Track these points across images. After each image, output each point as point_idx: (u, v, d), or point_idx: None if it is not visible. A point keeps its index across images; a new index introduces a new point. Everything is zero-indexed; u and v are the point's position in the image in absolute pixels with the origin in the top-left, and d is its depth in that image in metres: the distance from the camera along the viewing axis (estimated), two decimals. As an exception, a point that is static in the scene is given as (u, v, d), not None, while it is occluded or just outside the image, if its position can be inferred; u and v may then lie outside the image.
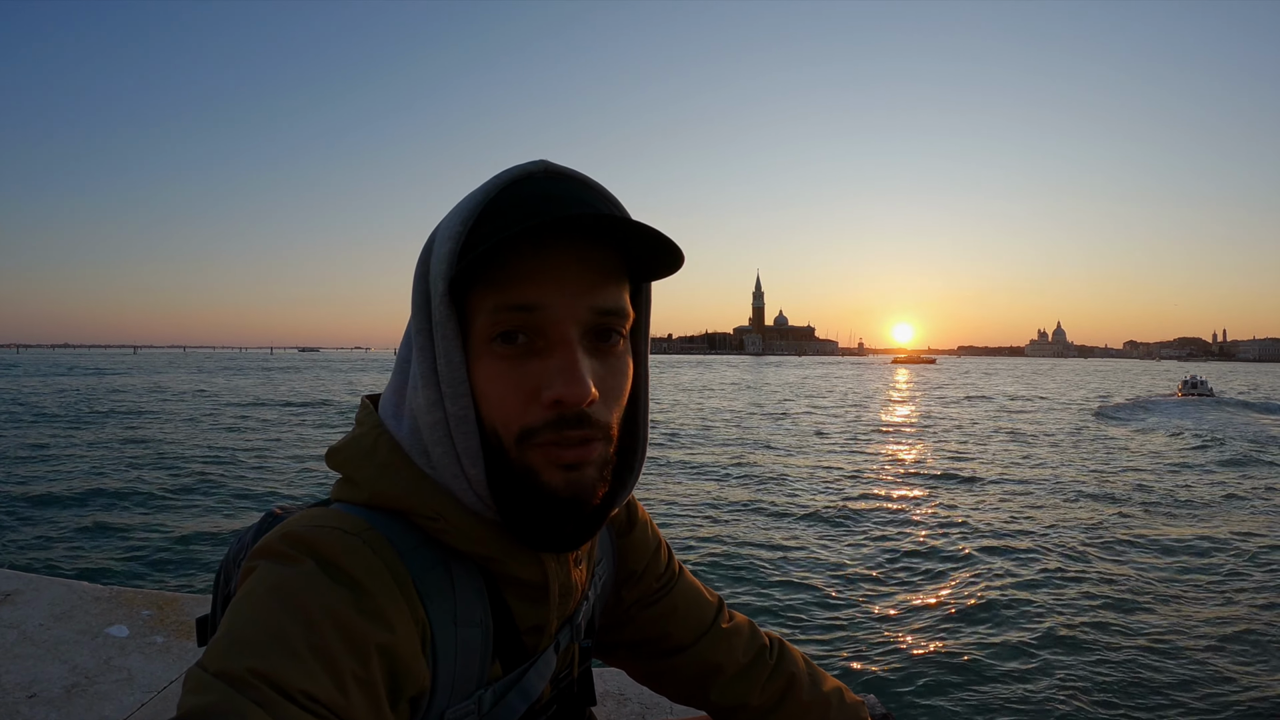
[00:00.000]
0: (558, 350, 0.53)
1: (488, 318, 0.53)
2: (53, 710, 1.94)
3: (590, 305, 0.54)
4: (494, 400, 0.54)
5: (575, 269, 0.53)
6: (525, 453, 0.54)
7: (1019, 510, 10.77)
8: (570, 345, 0.53)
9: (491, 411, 0.54)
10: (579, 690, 0.73)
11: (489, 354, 0.54)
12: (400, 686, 0.49)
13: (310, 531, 0.52)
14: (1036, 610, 6.53)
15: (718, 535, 8.99)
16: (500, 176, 0.56)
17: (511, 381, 0.53)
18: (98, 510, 9.56)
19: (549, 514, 0.55)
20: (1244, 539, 9.16)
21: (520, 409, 0.53)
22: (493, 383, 0.54)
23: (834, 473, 14.20)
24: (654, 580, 0.81)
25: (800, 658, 0.87)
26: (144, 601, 2.67)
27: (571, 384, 0.52)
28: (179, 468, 13.18)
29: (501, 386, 0.53)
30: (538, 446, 0.53)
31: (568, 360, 0.52)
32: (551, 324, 0.53)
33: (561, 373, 0.52)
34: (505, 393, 0.53)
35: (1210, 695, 5.02)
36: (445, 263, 0.53)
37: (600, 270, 0.54)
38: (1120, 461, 16.30)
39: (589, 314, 0.54)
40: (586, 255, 0.54)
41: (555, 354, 0.53)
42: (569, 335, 0.53)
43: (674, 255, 0.55)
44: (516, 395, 0.53)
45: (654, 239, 0.53)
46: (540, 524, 0.56)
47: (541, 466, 0.54)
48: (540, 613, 0.62)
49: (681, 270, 0.59)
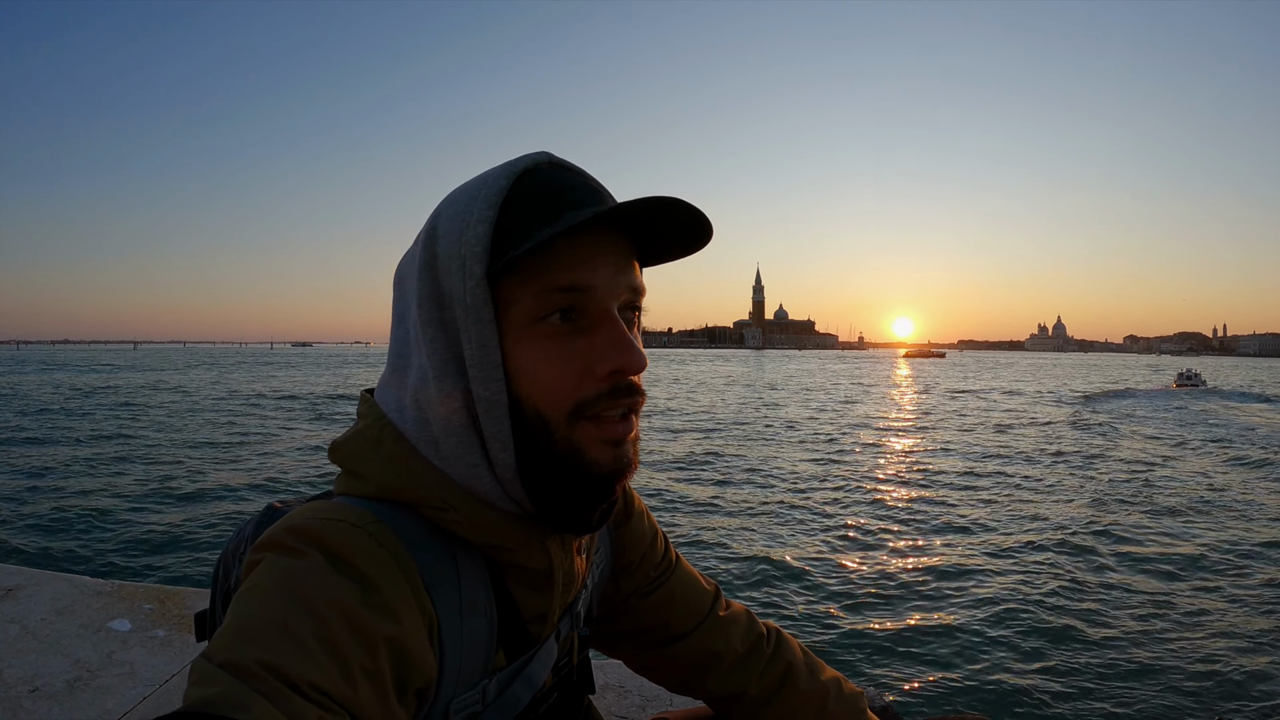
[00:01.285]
0: (605, 325, 0.55)
1: (533, 300, 0.54)
2: (55, 705, 1.95)
3: (626, 284, 0.57)
4: (542, 380, 0.55)
5: (613, 250, 0.56)
6: (575, 429, 0.55)
7: (1015, 501, 10.79)
8: (616, 319, 0.56)
9: (537, 392, 0.55)
10: (579, 678, 0.73)
11: (535, 334, 0.55)
12: (407, 678, 0.50)
13: (317, 524, 0.52)
14: (1036, 601, 6.55)
15: (716, 527, 9.01)
16: (513, 165, 0.57)
17: (564, 359, 0.55)
18: (99, 505, 9.56)
19: (589, 493, 0.57)
20: (1241, 539, 9.17)
21: (573, 384, 0.54)
22: (541, 363, 0.55)
23: (827, 470, 14.22)
24: (651, 569, 0.81)
25: (798, 647, 0.87)
26: (145, 595, 2.67)
27: (630, 354, 0.55)
28: (181, 462, 13.20)
29: (553, 365, 0.55)
30: (590, 420, 0.55)
31: (619, 333, 0.55)
32: (596, 303, 0.55)
33: (616, 344, 0.55)
34: (557, 371, 0.55)
35: (1208, 694, 5.04)
36: (480, 246, 0.54)
37: (628, 253, 0.58)
38: (1116, 452, 16.39)
39: (625, 291, 0.57)
40: (619, 240, 0.57)
41: (603, 329, 0.55)
42: (611, 311, 0.56)
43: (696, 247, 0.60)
44: (570, 372, 0.54)
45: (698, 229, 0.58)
46: (576, 504, 0.57)
47: (589, 444, 0.55)
48: (544, 601, 0.63)
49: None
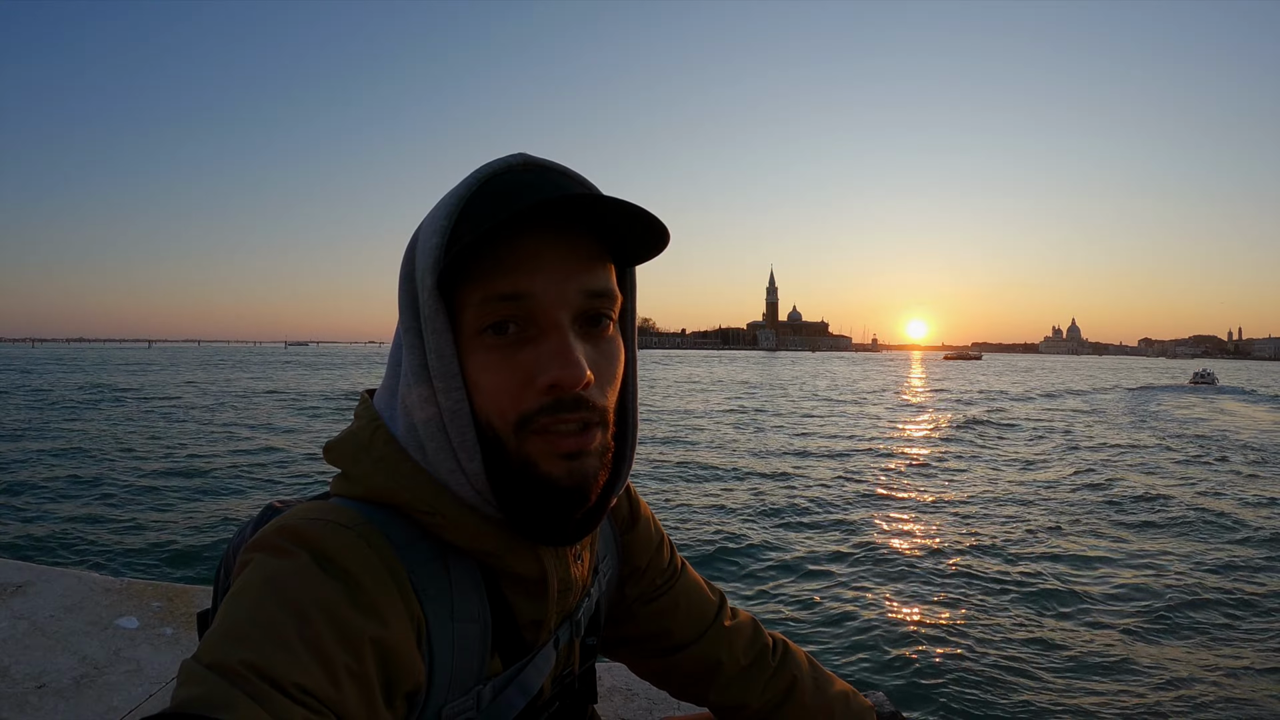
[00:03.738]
0: (550, 335, 0.53)
1: (476, 310, 0.53)
2: (61, 701, 1.96)
3: (579, 289, 0.53)
4: (488, 392, 0.53)
5: (560, 254, 0.53)
6: (524, 442, 0.53)
7: (1031, 503, 10.72)
8: (562, 329, 0.53)
9: (486, 403, 0.54)
10: (580, 687, 0.72)
11: (480, 346, 0.53)
12: (395, 681, 0.49)
13: (305, 525, 0.51)
14: (1044, 605, 6.50)
15: (722, 532, 8.98)
16: (480, 171, 0.56)
17: (505, 371, 0.53)
18: (110, 503, 9.65)
19: (552, 505, 0.54)
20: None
21: (516, 397, 0.53)
22: (486, 374, 0.53)
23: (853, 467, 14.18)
24: (656, 576, 0.80)
25: (805, 660, 0.86)
26: (154, 593, 2.68)
27: (566, 366, 0.51)
28: (191, 460, 13.30)
29: (495, 377, 0.53)
30: (536, 434, 0.53)
31: (561, 344, 0.52)
32: (541, 311, 0.53)
33: (555, 356, 0.52)
34: (499, 383, 0.53)
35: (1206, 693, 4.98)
36: (431, 257, 0.53)
37: (585, 254, 0.54)
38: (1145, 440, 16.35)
39: (579, 298, 0.54)
40: (570, 240, 0.53)
41: (547, 339, 0.53)
42: (560, 320, 0.53)
43: (657, 233, 0.55)
44: (511, 384, 0.53)
45: (634, 215, 0.52)
46: (543, 516, 0.55)
47: (541, 457, 0.53)
48: (539, 608, 0.61)
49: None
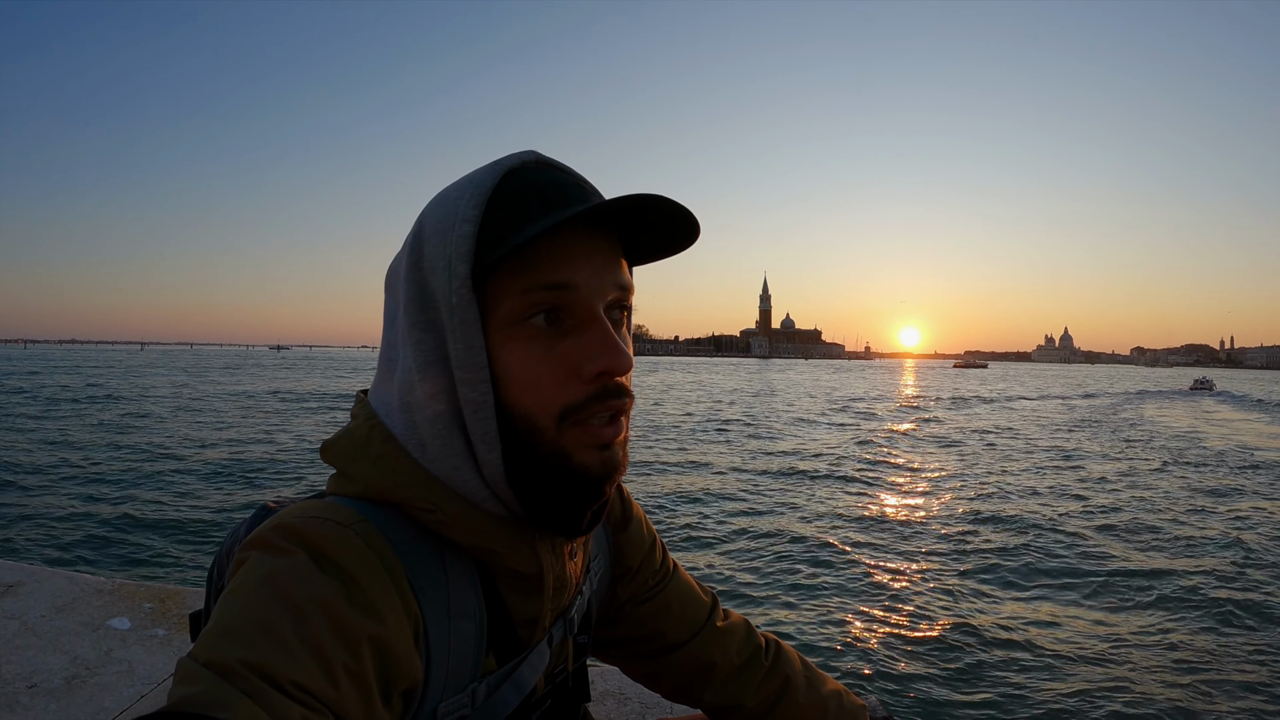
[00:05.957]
0: (591, 325, 0.54)
1: (516, 300, 0.53)
2: (52, 701, 1.95)
3: (613, 281, 0.56)
4: (528, 383, 0.53)
5: (597, 247, 0.55)
6: (563, 434, 0.54)
7: (1026, 501, 10.75)
8: (602, 319, 0.54)
9: (523, 395, 0.54)
10: (574, 685, 0.72)
11: (519, 336, 0.53)
12: (392, 678, 0.49)
13: (302, 523, 0.51)
14: (1044, 607, 6.51)
15: (718, 533, 8.98)
16: (499, 164, 0.56)
17: (549, 361, 0.53)
18: (101, 503, 9.59)
19: (577, 495, 0.55)
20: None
21: (559, 388, 0.53)
22: (527, 365, 0.53)
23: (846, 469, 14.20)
24: (649, 576, 0.80)
25: (798, 660, 0.86)
26: (146, 594, 2.67)
27: (616, 355, 0.53)
28: (184, 461, 13.23)
29: (538, 367, 0.53)
30: (578, 425, 0.54)
31: (605, 333, 0.54)
32: (581, 302, 0.54)
33: (603, 345, 0.53)
34: (543, 373, 0.53)
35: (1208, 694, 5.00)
36: (465, 246, 0.53)
37: (614, 252, 0.57)
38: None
39: (612, 289, 0.55)
40: (605, 238, 0.56)
41: (589, 329, 0.54)
42: (598, 310, 0.54)
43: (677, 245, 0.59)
44: (555, 374, 0.53)
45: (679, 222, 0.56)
46: (565, 507, 0.56)
47: (576, 447, 0.54)
48: (534, 605, 0.62)
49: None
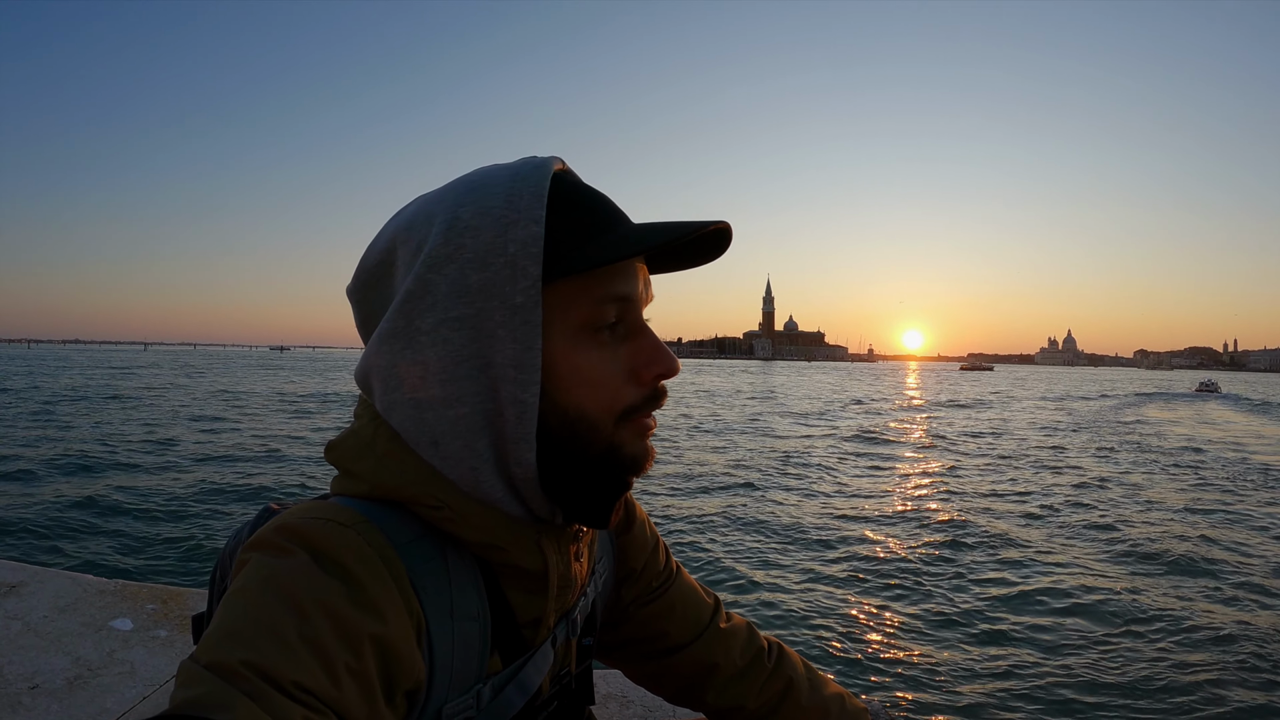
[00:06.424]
0: (642, 333, 0.59)
1: (590, 308, 0.56)
2: (54, 701, 1.95)
3: (650, 292, 0.62)
4: (594, 385, 0.57)
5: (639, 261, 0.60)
6: (619, 430, 0.58)
7: (1028, 503, 10.72)
8: (648, 327, 0.60)
9: (587, 398, 0.56)
10: (578, 687, 0.72)
11: (588, 341, 0.56)
12: (394, 678, 0.49)
13: (304, 523, 0.51)
14: (1043, 609, 6.49)
15: (718, 536, 8.97)
16: (541, 166, 0.56)
17: (611, 366, 0.57)
18: (104, 504, 9.60)
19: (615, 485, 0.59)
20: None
21: (620, 390, 0.58)
22: (593, 369, 0.57)
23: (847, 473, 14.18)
24: (652, 578, 0.81)
25: (800, 662, 0.87)
26: (148, 595, 2.68)
27: (670, 360, 0.59)
28: (187, 462, 13.26)
29: (604, 371, 0.57)
30: (633, 421, 0.59)
31: (656, 339, 0.60)
32: (634, 311, 0.59)
33: (657, 350, 0.59)
34: (608, 377, 0.57)
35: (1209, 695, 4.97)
36: (535, 246, 0.53)
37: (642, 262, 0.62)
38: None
39: (649, 299, 0.62)
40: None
41: (641, 336, 0.59)
42: (644, 319, 0.60)
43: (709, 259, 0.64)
44: (617, 378, 0.58)
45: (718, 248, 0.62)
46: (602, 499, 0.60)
47: (628, 440, 0.59)
48: (538, 605, 0.62)
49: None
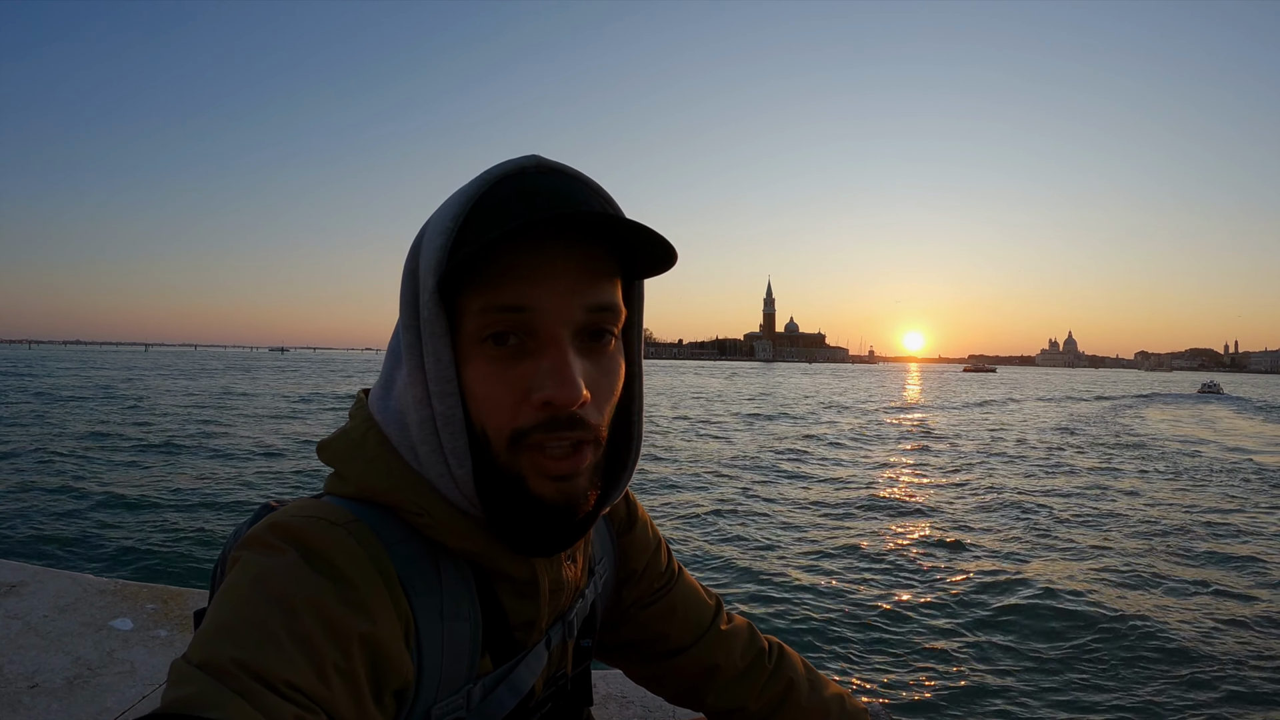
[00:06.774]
0: (548, 351, 0.52)
1: (477, 319, 0.52)
2: (54, 701, 1.95)
3: (582, 304, 0.53)
4: (485, 402, 0.53)
5: (567, 267, 0.52)
6: (517, 456, 0.53)
7: (1032, 500, 10.71)
8: (561, 346, 0.52)
9: (482, 413, 0.53)
10: (574, 689, 0.72)
11: (480, 355, 0.53)
12: (383, 678, 0.49)
13: (295, 522, 0.52)
14: (1046, 609, 6.48)
15: (721, 537, 8.96)
16: (492, 171, 0.55)
17: (503, 383, 0.52)
18: (104, 504, 9.60)
19: (538, 520, 0.54)
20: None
21: (512, 411, 0.52)
22: (483, 384, 0.53)
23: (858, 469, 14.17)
24: (654, 580, 0.80)
25: (800, 663, 0.86)
26: (148, 595, 2.68)
27: (563, 386, 0.51)
28: (187, 462, 13.27)
29: (492, 388, 0.52)
30: (528, 450, 0.53)
31: (559, 361, 0.52)
32: (542, 324, 0.52)
33: (552, 374, 0.51)
34: (496, 394, 0.52)
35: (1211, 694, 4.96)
36: (434, 259, 0.53)
37: (592, 268, 0.53)
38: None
39: (581, 312, 0.53)
40: (579, 253, 0.53)
41: (546, 355, 0.52)
42: (560, 335, 0.52)
43: (666, 253, 0.55)
44: (508, 397, 0.52)
45: (646, 237, 0.52)
46: (527, 529, 0.55)
47: (531, 475, 0.53)
48: (531, 608, 0.61)
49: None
